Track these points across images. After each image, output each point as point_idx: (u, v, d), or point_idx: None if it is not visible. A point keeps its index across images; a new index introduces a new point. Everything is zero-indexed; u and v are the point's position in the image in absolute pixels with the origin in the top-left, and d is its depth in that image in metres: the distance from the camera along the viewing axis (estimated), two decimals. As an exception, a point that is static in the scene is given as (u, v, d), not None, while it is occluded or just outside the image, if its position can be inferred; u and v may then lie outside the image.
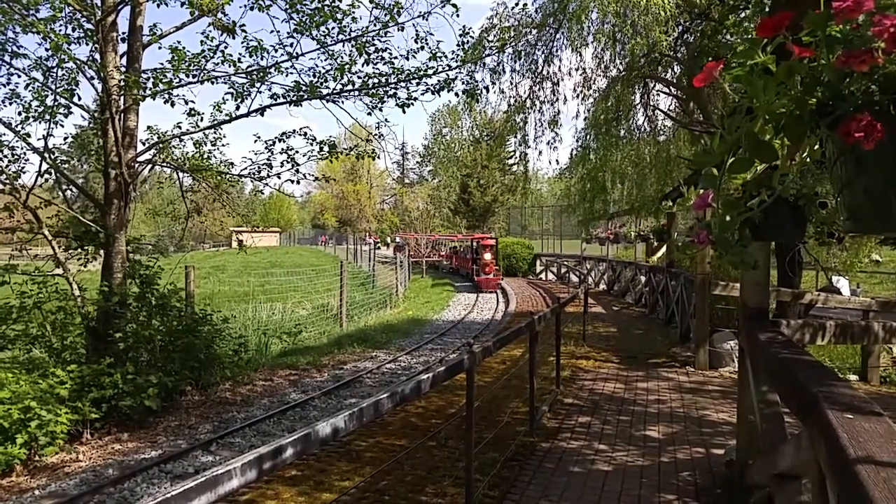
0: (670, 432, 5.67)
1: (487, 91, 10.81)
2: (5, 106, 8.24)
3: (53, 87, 8.21)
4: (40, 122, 8.22)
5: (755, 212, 1.33)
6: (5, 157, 7.99)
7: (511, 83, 13.05)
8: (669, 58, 11.95)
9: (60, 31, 7.76)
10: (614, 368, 8.58)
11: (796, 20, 1.04)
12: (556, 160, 30.62)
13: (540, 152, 14.44)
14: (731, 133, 1.17)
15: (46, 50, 7.81)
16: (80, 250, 8.47)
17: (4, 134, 7.96)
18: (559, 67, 12.99)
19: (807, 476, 2.55)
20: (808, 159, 1.35)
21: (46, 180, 8.50)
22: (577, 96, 13.14)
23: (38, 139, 8.14)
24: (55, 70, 8.21)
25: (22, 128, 8.09)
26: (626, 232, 17.69)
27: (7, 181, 7.92)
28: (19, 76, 8.16)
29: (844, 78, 1.01)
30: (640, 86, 13.17)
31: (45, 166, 8.12)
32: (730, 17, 9.01)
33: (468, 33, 9.18)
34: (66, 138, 9.43)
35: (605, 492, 4.29)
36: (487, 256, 24.85)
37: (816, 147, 1.27)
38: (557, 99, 13.00)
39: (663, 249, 14.47)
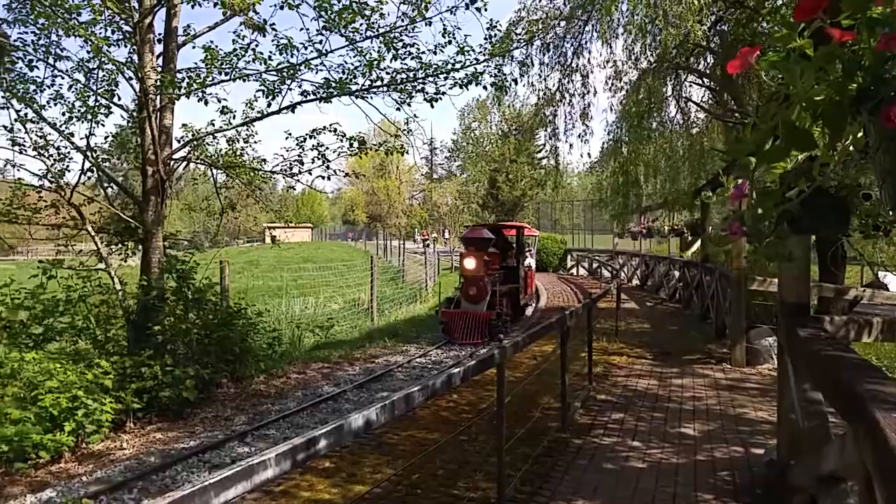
0: (707, 430, 5.57)
1: (516, 83, 10.76)
2: (50, 107, 8.55)
3: (95, 87, 8.48)
4: (83, 122, 8.50)
5: (792, 203, 1.29)
6: (51, 156, 8.28)
7: (540, 76, 12.94)
8: (702, 48, 11.69)
9: (101, 33, 7.99)
10: (648, 365, 8.46)
11: (835, 3, 1.01)
12: (588, 153, 30.35)
13: (571, 145, 14.34)
14: (766, 121, 1.14)
15: (88, 52, 8.07)
16: (120, 245, 8.75)
17: (50, 134, 8.24)
18: (589, 60, 12.85)
19: (852, 479, 2.48)
20: (851, 147, 1.30)
21: (89, 178, 8.79)
22: (608, 89, 13.01)
23: (81, 138, 8.42)
24: (96, 71, 8.48)
25: (66, 128, 8.38)
26: (660, 226, 17.41)
27: (53, 179, 8.22)
28: (63, 78, 8.45)
29: (886, 61, 0.97)
30: (671, 77, 12.93)
31: (87, 165, 8.41)
32: (766, 5, 8.76)
33: (496, 27, 9.14)
34: (106, 137, 9.73)
35: (639, 489, 4.23)
36: (470, 263, 12.20)
37: (860, 135, 1.23)
38: (588, 91, 12.86)
39: (698, 244, 14.21)
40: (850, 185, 1.57)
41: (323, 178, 9.52)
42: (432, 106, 9.14)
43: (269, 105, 8.75)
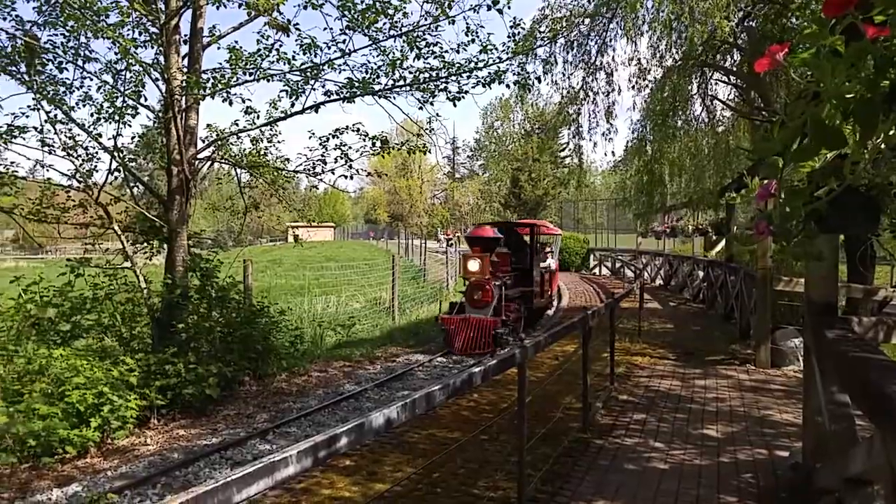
0: (730, 432, 5.48)
1: (539, 82, 10.71)
2: (79, 108, 8.73)
3: (122, 88, 8.62)
4: (110, 123, 8.64)
5: (821, 202, 1.26)
6: (79, 156, 8.45)
7: (564, 74, 12.89)
8: (729, 45, 11.51)
9: (128, 35, 8.12)
10: (671, 365, 8.36)
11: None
12: (612, 152, 30.06)
13: (595, 144, 14.22)
14: (795, 119, 1.11)
15: (115, 54, 8.20)
16: (145, 244, 8.90)
17: (79, 134, 8.42)
18: (613, 58, 12.81)
19: (879, 482, 2.42)
20: (882, 145, 1.27)
21: (116, 178, 8.96)
22: (633, 87, 12.92)
23: (109, 139, 8.58)
24: (123, 73, 8.62)
25: (94, 128, 8.53)
26: (684, 226, 17.20)
27: (81, 179, 8.40)
28: (91, 79, 8.60)
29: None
30: (697, 75, 12.77)
31: (114, 165, 8.56)
32: (795, 0, 8.58)
33: (519, 24, 9.09)
34: (133, 138, 9.90)
35: (661, 490, 4.19)
36: (474, 265, 11.01)
37: (892, 132, 1.19)
38: (612, 90, 12.80)
39: (722, 243, 14.00)
40: (881, 184, 1.52)
41: (345, 177, 9.56)
42: (455, 105, 9.14)
43: (292, 105, 8.83)
